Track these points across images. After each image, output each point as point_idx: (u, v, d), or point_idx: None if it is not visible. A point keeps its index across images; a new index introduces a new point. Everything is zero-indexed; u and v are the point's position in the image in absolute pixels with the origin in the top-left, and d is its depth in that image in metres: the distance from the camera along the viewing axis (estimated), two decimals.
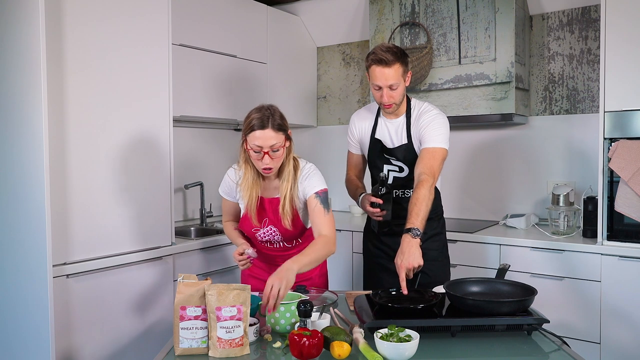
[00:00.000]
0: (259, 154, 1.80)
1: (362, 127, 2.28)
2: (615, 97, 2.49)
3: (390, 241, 2.22)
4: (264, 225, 1.96)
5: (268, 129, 1.78)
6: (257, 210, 1.93)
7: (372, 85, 2.10)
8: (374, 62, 2.04)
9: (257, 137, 1.78)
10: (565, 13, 3.12)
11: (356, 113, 2.34)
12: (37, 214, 2.09)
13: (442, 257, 2.28)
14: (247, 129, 1.81)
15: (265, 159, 1.80)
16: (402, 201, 2.19)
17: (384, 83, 2.05)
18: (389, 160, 2.20)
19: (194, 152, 3.49)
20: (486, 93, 3.02)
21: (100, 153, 2.33)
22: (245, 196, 1.92)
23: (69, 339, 2.21)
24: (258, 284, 2.08)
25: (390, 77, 2.03)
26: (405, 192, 2.20)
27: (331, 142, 3.97)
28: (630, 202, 2.41)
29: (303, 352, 1.34)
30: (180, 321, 1.46)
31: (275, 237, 1.98)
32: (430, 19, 3.19)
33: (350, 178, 2.37)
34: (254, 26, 3.47)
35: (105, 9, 2.33)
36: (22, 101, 2.13)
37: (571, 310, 2.59)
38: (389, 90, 2.06)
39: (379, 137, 2.22)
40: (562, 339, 1.53)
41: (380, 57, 2.02)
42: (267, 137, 1.78)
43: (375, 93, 2.11)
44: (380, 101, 2.11)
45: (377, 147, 2.21)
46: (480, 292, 1.71)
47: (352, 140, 2.34)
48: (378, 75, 2.04)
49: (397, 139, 2.18)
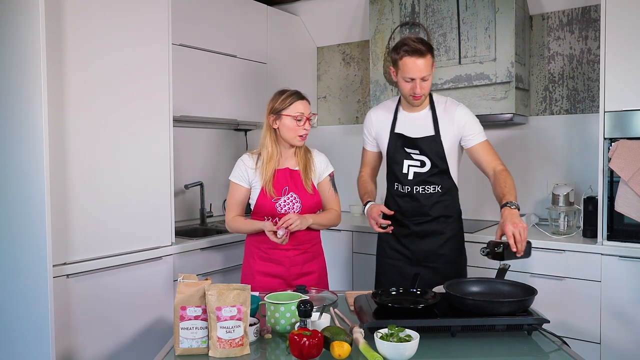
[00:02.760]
0: (300, 121, 2.10)
1: (381, 120, 2.24)
2: (615, 97, 2.49)
3: (409, 242, 2.20)
4: (284, 193, 2.14)
5: (305, 100, 2.14)
6: (278, 180, 2.15)
7: (403, 78, 2.06)
8: (407, 53, 2.01)
9: (301, 105, 2.11)
10: (565, 13, 3.12)
11: (373, 109, 2.32)
12: (37, 214, 2.09)
13: (460, 260, 2.24)
14: (287, 102, 2.10)
15: (306, 125, 2.12)
16: (422, 198, 2.16)
17: (418, 75, 2.02)
18: (410, 155, 2.16)
19: (194, 152, 3.49)
20: (486, 93, 3.01)
21: (100, 153, 2.33)
22: (270, 169, 2.14)
23: (69, 339, 2.21)
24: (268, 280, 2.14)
25: (424, 68, 2.02)
26: (426, 188, 2.15)
27: (331, 142, 3.97)
28: (630, 202, 2.41)
29: (303, 352, 1.34)
30: (180, 321, 1.46)
31: (295, 204, 2.13)
32: (430, 19, 3.19)
33: (363, 179, 2.34)
34: (254, 26, 3.47)
35: (105, 8, 2.33)
36: (23, 101, 2.12)
37: (571, 310, 2.59)
38: (421, 82, 2.04)
39: (400, 131, 2.18)
40: (562, 339, 1.53)
41: (415, 48, 2.00)
42: (307, 106, 2.14)
43: (405, 85, 2.07)
44: (411, 93, 2.07)
45: (398, 142, 2.18)
46: (480, 292, 1.71)
47: (368, 137, 2.31)
48: (411, 66, 2.02)
49: (422, 131, 2.14)
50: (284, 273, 2.17)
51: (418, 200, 2.16)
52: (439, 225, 2.18)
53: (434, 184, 2.15)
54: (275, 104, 2.13)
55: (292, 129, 2.12)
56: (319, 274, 2.25)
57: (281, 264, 2.17)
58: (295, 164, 2.20)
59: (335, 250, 3.30)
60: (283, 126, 2.12)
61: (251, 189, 2.19)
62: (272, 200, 2.13)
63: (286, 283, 2.16)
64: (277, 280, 2.17)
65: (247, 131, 3.81)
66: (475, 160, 2.15)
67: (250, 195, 2.20)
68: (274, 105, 2.13)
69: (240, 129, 3.77)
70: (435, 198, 2.16)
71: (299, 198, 2.14)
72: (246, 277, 2.23)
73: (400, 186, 2.19)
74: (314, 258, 2.24)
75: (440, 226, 2.18)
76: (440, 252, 2.18)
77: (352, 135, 3.93)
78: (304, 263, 2.20)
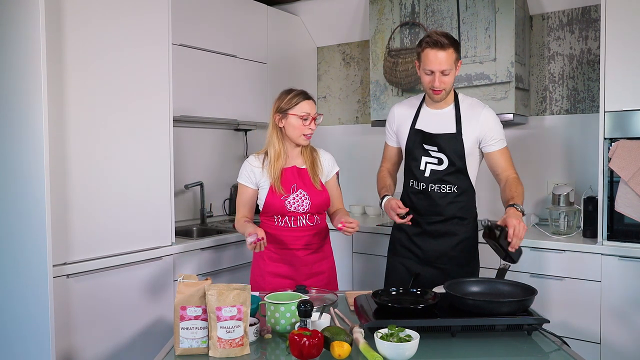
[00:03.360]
0: (306, 120, 2.13)
1: (403, 115, 2.23)
2: (615, 97, 2.49)
3: (421, 241, 2.17)
4: (293, 190, 2.15)
5: (311, 99, 2.17)
6: (286, 178, 2.16)
7: (424, 71, 2.07)
8: (428, 45, 2.02)
9: (307, 105, 2.14)
10: (565, 13, 3.12)
11: (397, 104, 2.30)
12: (37, 214, 2.09)
13: (472, 263, 2.19)
14: (294, 102, 2.12)
15: (312, 124, 2.15)
16: (437, 197, 2.13)
17: (437, 67, 2.02)
18: (428, 152, 2.14)
19: (194, 152, 3.49)
20: (486, 93, 3.01)
21: (100, 153, 2.33)
22: (277, 168, 2.15)
23: (69, 339, 2.21)
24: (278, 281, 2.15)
25: (444, 62, 2.01)
26: (442, 187, 2.13)
27: (331, 142, 3.96)
28: (630, 202, 2.41)
29: (303, 352, 1.34)
30: (180, 321, 1.46)
31: (304, 202, 2.14)
32: (430, 19, 3.19)
33: (382, 173, 2.32)
34: (254, 26, 3.47)
35: (105, 9, 2.33)
36: (23, 101, 2.12)
37: (571, 310, 2.59)
38: (441, 76, 2.04)
39: (420, 127, 2.16)
40: (562, 339, 1.53)
41: (435, 40, 2.01)
42: (313, 106, 2.16)
43: (425, 78, 2.08)
44: (430, 86, 2.07)
45: (418, 138, 2.16)
46: (481, 292, 1.71)
47: (390, 132, 2.30)
48: (432, 58, 2.02)
49: (443, 127, 2.13)
50: (294, 273, 2.16)
51: (432, 198, 2.13)
52: (452, 226, 2.14)
53: (450, 184, 2.12)
54: (281, 103, 2.14)
55: (297, 128, 2.13)
56: (329, 274, 2.25)
57: (291, 264, 2.16)
58: (303, 163, 2.21)
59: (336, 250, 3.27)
60: (289, 125, 2.14)
61: (259, 190, 2.19)
62: (282, 198, 2.13)
63: (296, 283, 2.14)
64: (288, 281, 2.15)
65: (247, 131, 3.81)
66: (491, 165, 2.15)
67: (259, 195, 2.19)
68: (280, 105, 2.15)
69: (240, 129, 3.76)
70: (451, 198, 2.13)
71: (308, 195, 2.15)
72: (256, 278, 2.21)
73: (416, 183, 2.16)
74: (324, 258, 2.24)
75: (454, 227, 2.14)
76: (452, 253, 2.14)
77: (352, 135, 3.93)
78: (314, 263, 2.19)
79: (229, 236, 2.95)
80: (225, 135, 3.72)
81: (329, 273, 2.25)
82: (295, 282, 2.15)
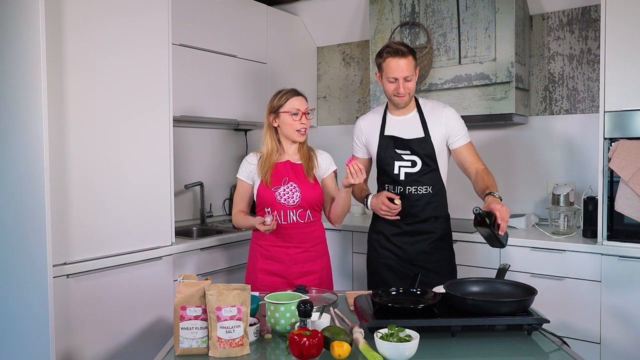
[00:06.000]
0: (297, 116, 2.17)
1: (370, 126, 2.33)
2: (615, 97, 2.49)
3: (400, 241, 2.26)
4: (284, 183, 2.19)
5: (301, 96, 2.22)
6: (278, 171, 2.20)
7: (387, 79, 2.17)
8: (390, 54, 2.13)
9: (296, 101, 2.19)
10: (565, 13, 3.12)
11: (362, 117, 2.41)
12: (37, 213, 2.09)
13: (450, 258, 2.31)
14: (283, 100, 2.19)
15: (303, 119, 2.19)
16: (414, 198, 2.22)
17: (400, 74, 2.13)
18: (400, 156, 2.23)
19: (194, 152, 3.49)
20: (486, 93, 3.01)
21: (100, 153, 2.33)
22: (269, 163, 2.20)
23: (69, 339, 2.21)
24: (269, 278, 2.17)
25: (406, 68, 2.13)
26: (418, 188, 2.22)
27: (331, 142, 3.96)
28: (630, 202, 2.41)
29: (303, 352, 1.34)
30: (180, 321, 1.46)
31: (294, 194, 2.17)
32: (430, 19, 3.19)
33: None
34: (254, 26, 3.47)
35: (105, 9, 2.33)
36: (23, 101, 2.13)
37: (571, 310, 2.59)
38: (404, 82, 2.14)
39: (390, 133, 2.25)
40: (562, 339, 1.53)
41: (396, 48, 2.12)
42: (303, 102, 2.22)
43: (389, 86, 2.17)
44: (395, 93, 2.17)
45: (389, 144, 2.24)
46: (480, 292, 1.71)
47: (358, 144, 2.39)
48: (394, 67, 2.13)
49: (412, 133, 2.22)
50: (285, 271, 2.18)
51: (410, 200, 2.21)
52: (429, 225, 2.24)
53: (425, 184, 2.21)
54: (273, 103, 2.23)
55: (289, 125, 2.19)
56: (322, 275, 2.25)
57: (282, 262, 2.18)
58: (298, 159, 2.26)
59: (335, 250, 3.30)
60: (282, 123, 2.21)
61: (254, 184, 2.25)
62: (272, 189, 2.18)
63: (287, 282, 2.17)
64: (279, 279, 2.18)
65: (247, 131, 3.81)
66: (459, 160, 2.25)
67: (254, 190, 2.26)
68: (272, 105, 2.23)
69: (241, 129, 3.77)
70: (427, 199, 2.22)
71: (299, 187, 2.19)
72: (249, 275, 2.26)
73: (392, 187, 2.25)
74: (317, 258, 2.24)
75: (430, 226, 2.25)
76: (430, 251, 2.25)
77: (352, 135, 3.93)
78: (305, 262, 2.20)
79: (229, 236, 2.95)
80: (225, 135, 3.72)
81: (321, 273, 2.25)
82: (286, 280, 2.17)
